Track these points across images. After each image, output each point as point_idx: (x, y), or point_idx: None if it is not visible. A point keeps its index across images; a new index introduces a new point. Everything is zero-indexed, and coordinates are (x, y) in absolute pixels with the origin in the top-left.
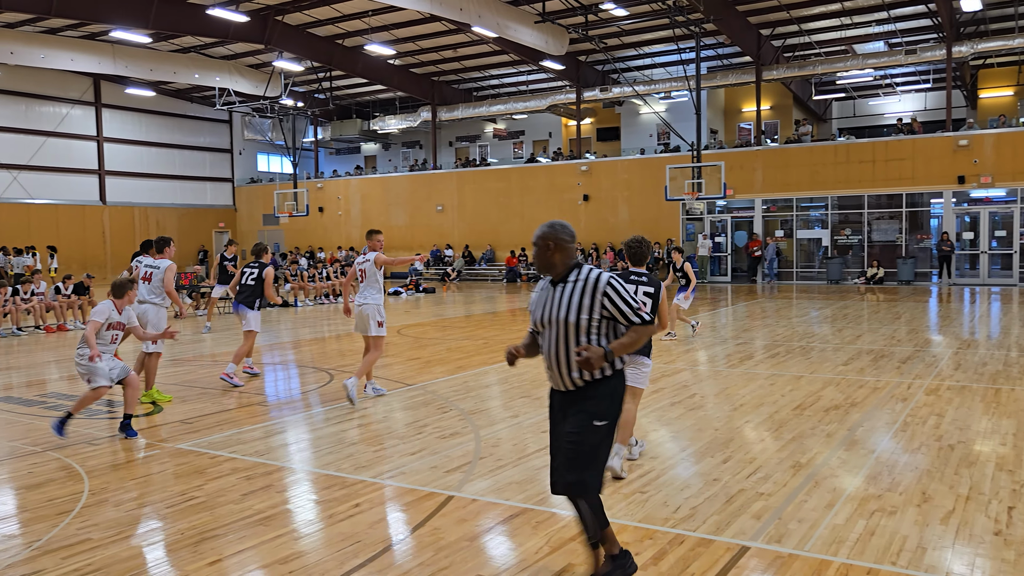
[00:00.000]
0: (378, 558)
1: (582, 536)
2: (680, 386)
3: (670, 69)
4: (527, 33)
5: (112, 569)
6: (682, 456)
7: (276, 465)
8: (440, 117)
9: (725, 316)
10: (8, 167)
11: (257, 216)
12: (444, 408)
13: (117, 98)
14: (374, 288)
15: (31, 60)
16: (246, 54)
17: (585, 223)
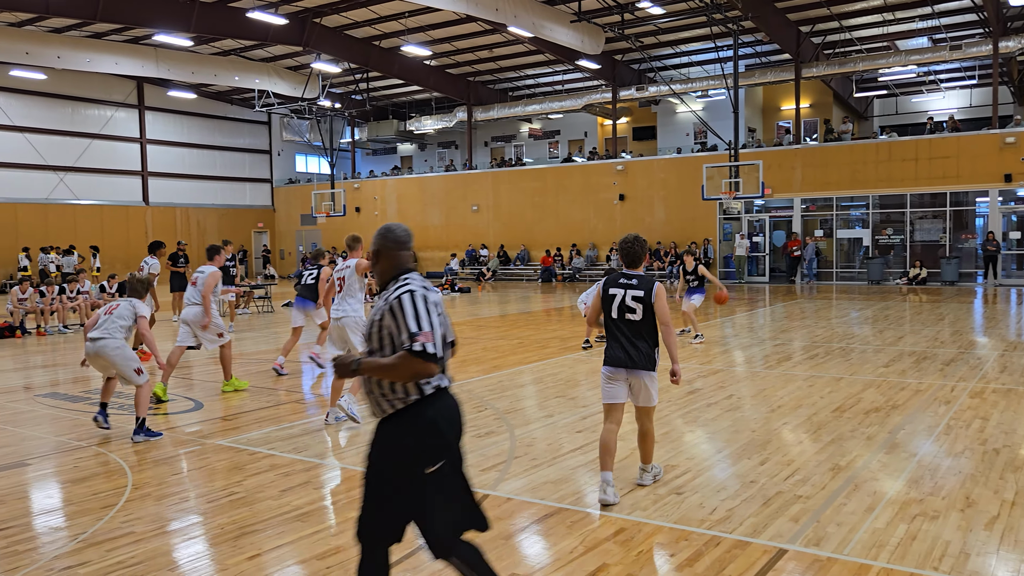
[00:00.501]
0: (413, 555)
1: (616, 537)
2: (717, 387)
3: (707, 67)
4: (563, 32)
5: (154, 562)
6: (718, 457)
7: (314, 462)
8: (476, 117)
9: (763, 316)
10: (55, 169)
11: (295, 216)
12: (479, 407)
13: (160, 100)
14: (354, 299)
15: (77, 64)
16: (284, 56)
17: (620, 223)
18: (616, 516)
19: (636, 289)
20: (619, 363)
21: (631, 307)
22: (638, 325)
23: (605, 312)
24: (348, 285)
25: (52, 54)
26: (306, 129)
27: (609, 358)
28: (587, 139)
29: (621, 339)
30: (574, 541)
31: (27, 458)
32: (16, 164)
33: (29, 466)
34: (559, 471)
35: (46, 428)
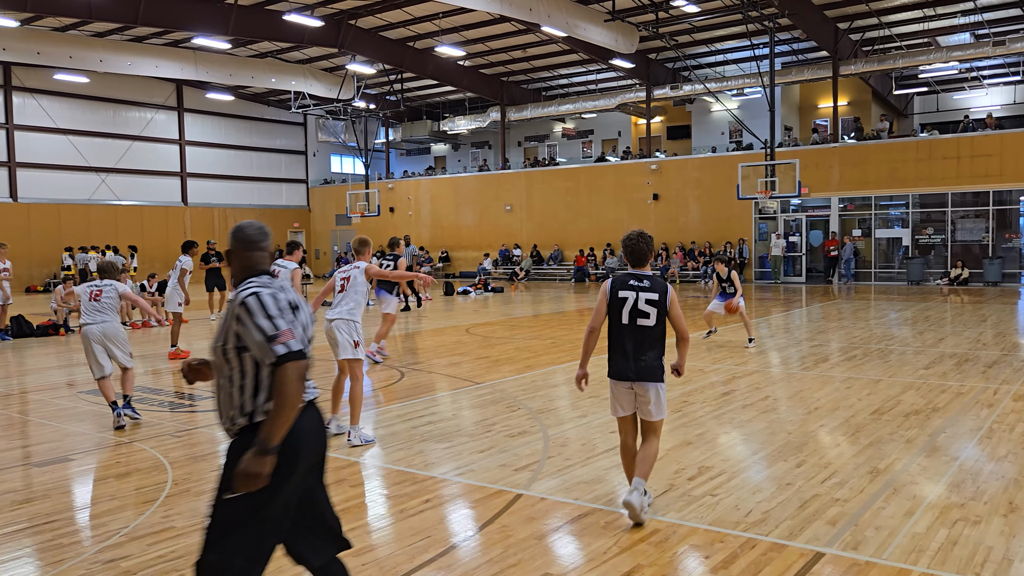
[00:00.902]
0: (447, 553)
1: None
2: (752, 388)
3: (743, 65)
4: (596, 32)
5: (194, 557)
6: (754, 459)
7: (349, 460)
8: (509, 117)
9: (799, 317)
10: (97, 170)
11: (330, 216)
12: (513, 407)
13: (198, 102)
14: (354, 302)
15: (119, 67)
16: (320, 58)
17: (655, 222)
18: (650, 517)
19: (650, 292)
20: (624, 376)
21: (644, 311)
22: (649, 332)
23: (613, 317)
24: (353, 286)
25: (95, 58)
26: (341, 130)
27: (613, 370)
28: (621, 138)
29: (628, 347)
30: (608, 542)
31: (71, 453)
32: (60, 166)
33: (72, 461)
34: (593, 471)
35: (89, 424)
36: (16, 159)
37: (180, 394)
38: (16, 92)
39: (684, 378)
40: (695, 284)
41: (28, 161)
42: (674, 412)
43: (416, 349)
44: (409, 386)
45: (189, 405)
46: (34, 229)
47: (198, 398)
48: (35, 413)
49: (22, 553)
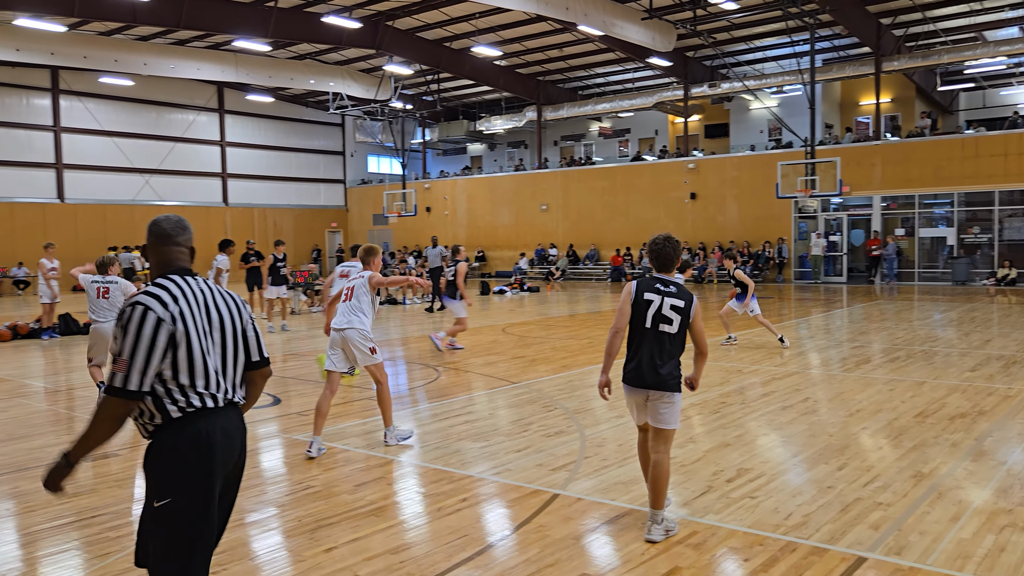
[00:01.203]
0: (485, 552)
1: (691, 538)
2: (791, 389)
3: (782, 62)
4: (633, 30)
5: (236, 552)
6: (793, 462)
7: (386, 458)
8: (545, 117)
9: (840, 318)
10: (141, 171)
11: (367, 216)
12: (549, 406)
13: (239, 104)
14: (361, 312)
15: (162, 70)
16: (358, 59)
17: (692, 222)
18: (688, 519)
19: (676, 298)
20: (638, 382)
21: (668, 317)
22: (671, 339)
23: (635, 319)
24: (357, 296)
25: (139, 61)
26: (378, 130)
27: (628, 375)
28: (658, 137)
29: (646, 352)
30: (646, 543)
31: (116, 449)
32: (105, 167)
33: (119, 456)
34: (630, 472)
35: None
36: (63, 161)
37: None
38: (63, 95)
39: (722, 379)
40: None
41: (75, 163)
42: (712, 413)
43: (452, 348)
44: (446, 385)
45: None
46: (81, 229)
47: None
48: (81, 409)
49: (70, 546)
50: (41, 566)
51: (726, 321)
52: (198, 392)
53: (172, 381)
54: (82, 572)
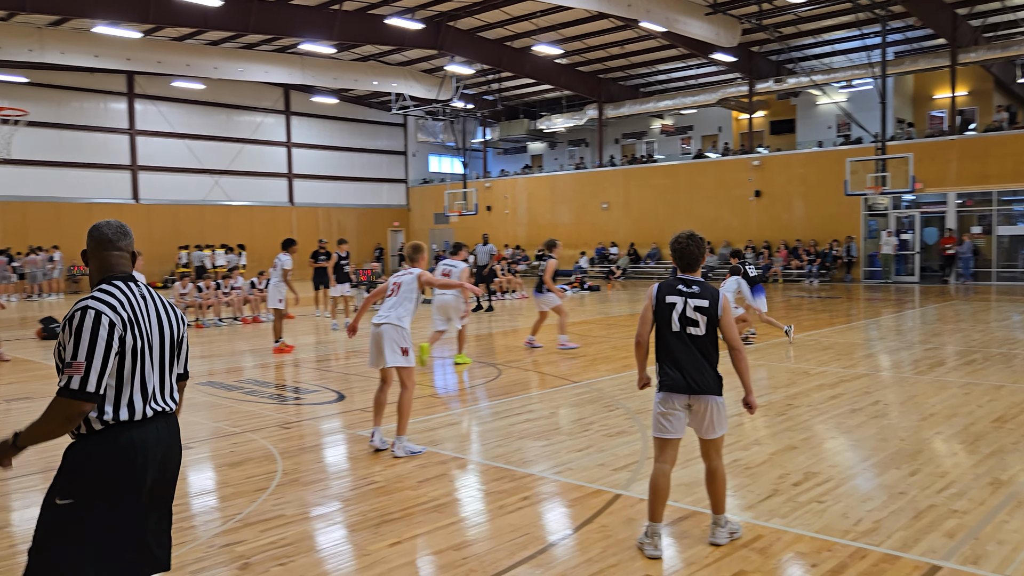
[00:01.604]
0: (546, 551)
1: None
2: (861, 392)
3: (852, 56)
4: (697, 26)
5: (303, 544)
6: (863, 466)
7: (448, 455)
8: (606, 114)
9: (911, 319)
10: (211, 172)
11: (429, 215)
12: (610, 406)
13: (304, 106)
14: (404, 309)
15: (231, 74)
16: (420, 60)
17: (757, 220)
18: (753, 522)
19: (699, 298)
20: (679, 388)
21: (693, 319)
22: (701, 341)
23: (661, 325)
24: (404, 292)
25: (209, 65)
26: (440, 130)
27: (665, 383)
28: (721, 134)
29: (680, 358)
30: (710, 546)
31: (188, 442)
32: (177, 168)
33: (191, 449)
34: (692, 474)
35: (204, 414)
36: (138, 163)
37: (288, 387)
38: (138, 99)
39: (788, 380)
40: (799, 283)
41: (148, 164)
42: (777, 415)
43: (512, 347)
44: (506, 383)
45: (296, 399)
46: (154, 228)
47: (304, 392)
48: None
49: None
50: None
51: (766, 319)
52: (131, 402)
53: (114, 388)
54: None
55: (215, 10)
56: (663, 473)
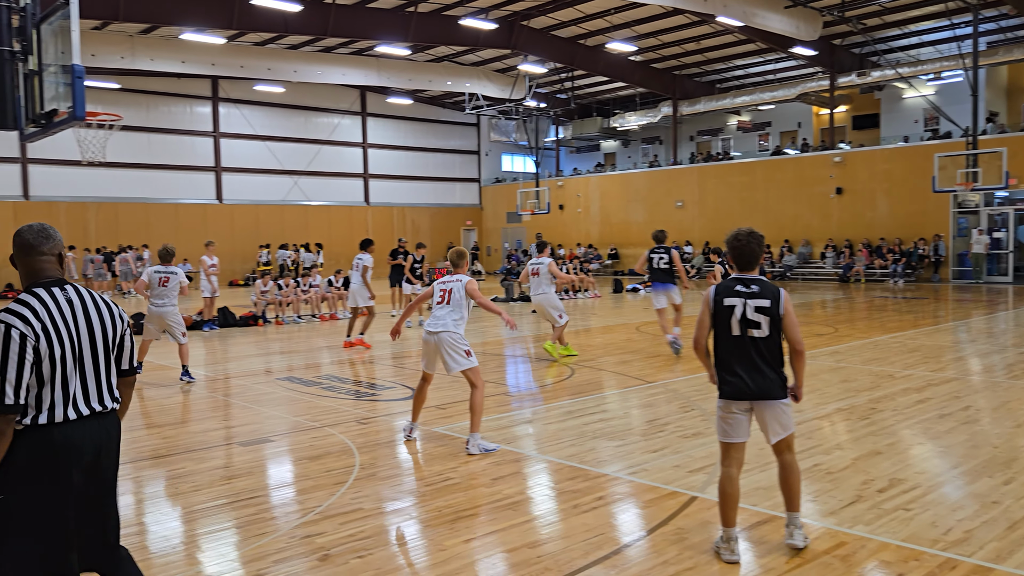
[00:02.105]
0: (621, 552)
1: (839, 550)
2: (950, 396)
3: (940, 47)
4: (776, 19)
5: (380, 538)
6: (953, 474)
7: (522, 453)
8: (681, 111)
9: (1004, 321)
10: (290, 173)
11: (501, 214)
12: (686, 407)
13: (380, 107)
14: (459, 315)
15: (310, 76)
16: (493, 60)
17: (838, 218)
18: (835, 529)
19: (759, 298)
20: (742, 394)
21: (755, 320)
22: (764, 343)
23: (720, 329)
24: (455, 300)
25: (289, 68)
26: (512, 129)
27: (727, 389)
28: (800, 130)
29: (743, 362)
30: (789, 551)
31: (270, 435)
32: (258, 169)
33: (272, 442)
34: (771, 477)
35: (285, 409)
36: (222, 164)
37: (364, 383)
38: (222, 103)
39: (872, 384)
40: (882, 283)
41: (231, 166)
42: (861, 420)
43: (586, 346)
44: (579, 383)
45: (372, 394)
46: (236, 228)
47: (380, 388)
48: (238, 397)
49: (229, 525)
50: (204, 541)
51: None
52: (52, 406)
53: (33, 394)
54: (240, 550)
55: (295, 15)
56: (729, 477)
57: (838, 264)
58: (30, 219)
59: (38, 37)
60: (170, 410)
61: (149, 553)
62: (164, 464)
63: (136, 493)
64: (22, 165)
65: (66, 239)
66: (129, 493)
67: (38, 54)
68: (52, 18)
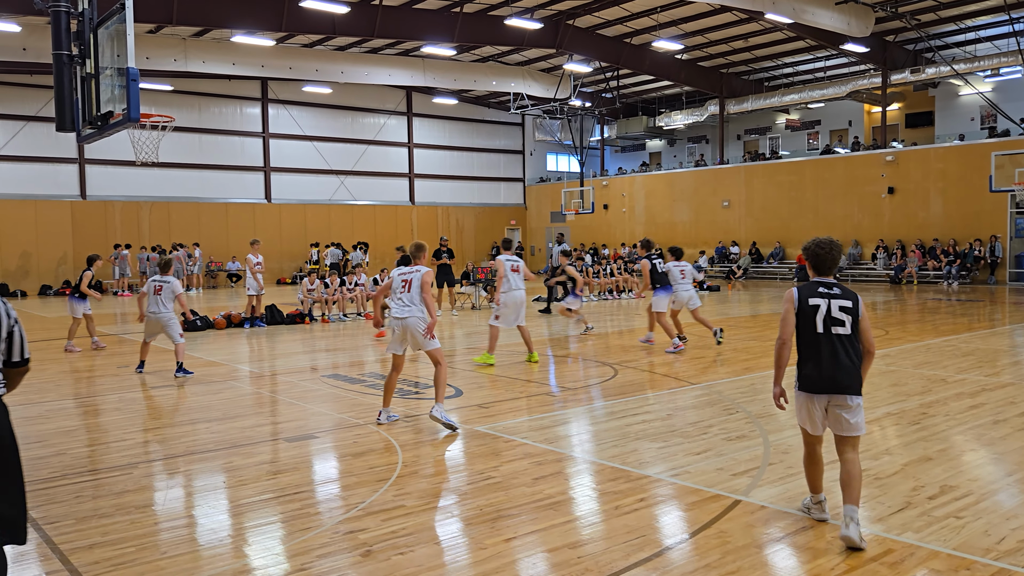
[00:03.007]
0: (663, 554)
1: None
2: (1006, 402)
3: (998, 43)
4: (826, 16)
5: (422, 535)
6: (1008, 482)
7: (564, 453)
8: (728, 110)
9: None
10: (337, 173)
11: (545, 214)
12: (730, 409)
13: (425, 107)
14: (420, 302)
15: (357, 77)
16: (538, 59)
17: (890, 218)
18: (884, 536)
19: (843, 299)
20: (819, 388)
21: (840, 319)
22: (847, 340)
23: (804, 326)
24: (416, 290)
25: (337, 70)
26: (557, 129)
27: (806, 381)
28: (851, 128)
29: (824, 357)
30: (835, 558)
31: (315, 432)
32: (306, 169)
33: (316, 439)
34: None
35: (330, 405)
36: (270, 164)
37: (408, 382)
38: (271, 104)
39: (923, 388)
40: (936, 285)
41: (280, 166)
42: (911, 424)
43: (628, 347)
44: (622, 383)
45: (415, 392)
46: (284, 227)
47: (423, 386)
48: (284, 394)
49: (275, 519)
50: (251, 535)
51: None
52: None
53: None
54: (285, 544)
55: (342, 16)
56: (813, 450)
57: (889, 265)
58: (88, 218)
59: (95, 41)
60: (217, 406)
61: (197, 545)
62: (212, 459)
63: (185, 487)
64: (79, 166)
65: (121, 238)
66: (179, 487)
67: (95, 58)
68: (108, 22)
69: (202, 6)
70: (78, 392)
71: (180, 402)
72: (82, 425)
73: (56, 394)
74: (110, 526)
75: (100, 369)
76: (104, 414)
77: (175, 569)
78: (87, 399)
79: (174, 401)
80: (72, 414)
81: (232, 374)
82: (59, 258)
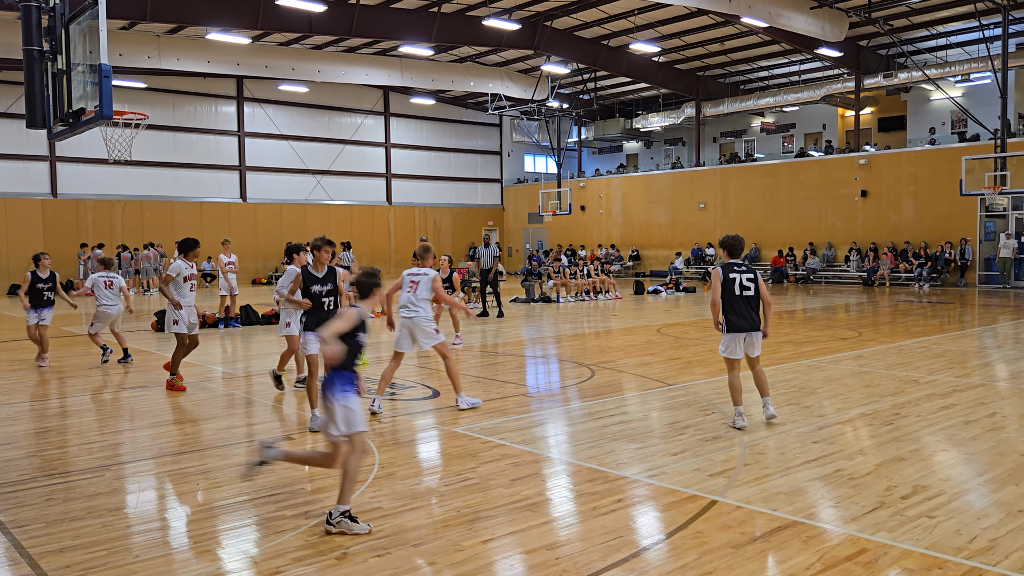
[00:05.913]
0: (640, 555)
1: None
2: (976, 403)
3: (968, 49)
4: (801, 20)
5: (401, 537)
6: (978, 481)
7: (541, 454)
8: (704, 112)
9: None
10: (313, 172)
11: (523, 215)
12: (706, 410)
13: (402, 107)
14: (426, 301)
15: (334, 76)
16: (516, 60)
17: (863, 221)
18: (858, 535)
19: (748, 273)
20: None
21: (747, 286)
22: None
23: (728, 292)
24: (421, 291)
25: (313, 68)
26: (535, 130)
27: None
28: (825, 132)
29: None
30: (810, 557)
31: (290, 433)
32: (282, 168)
33: (292, 440)
34: (792, 482)
35: (305, 406)
36: (246, 163)
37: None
38: (247, 103)
39: (896, 389)
40: (907, 287)
41: (255, 165)
42: (884, 425)
43: (605, 348)
44: (599, 384)
45: (392, 394)
46: (260, 226)
47: (400, 387)
48: (259, 395)
49: (249, 522)
50: (225, 538)
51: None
52: None
53: None
54: (260, 547)
55: (319, 15)
56: (735, 373)
57: (862, 267)
58: (59, 217)
59: (66, 37)
60: (191, 408)
61: (170, 549)
62: (185, 461)
63: (158, 489)
64: (50, 163)
65: (93, 237)
66: (151, 488)
67: (66, 53)
68: (80, 18)
69: (176, 3)
70: (48, 393)
71: (153, 404)
72: (52, 427)
73: (25, 395)
74: (81, 529)
75: (71, 371)
76: (75, 416)
77: (148, 573)
78: (57, 400)
79: (147, 403)
80: (42, 416)
81: (205, 375)
82: (29, 258)
